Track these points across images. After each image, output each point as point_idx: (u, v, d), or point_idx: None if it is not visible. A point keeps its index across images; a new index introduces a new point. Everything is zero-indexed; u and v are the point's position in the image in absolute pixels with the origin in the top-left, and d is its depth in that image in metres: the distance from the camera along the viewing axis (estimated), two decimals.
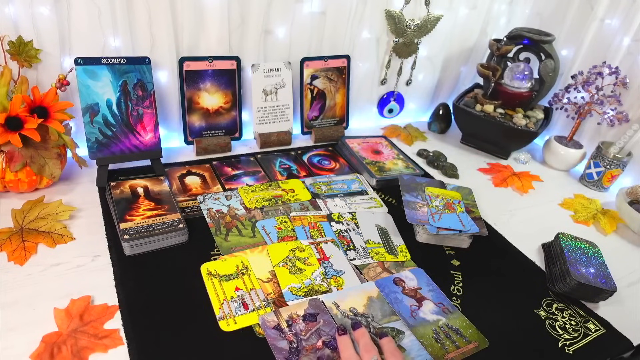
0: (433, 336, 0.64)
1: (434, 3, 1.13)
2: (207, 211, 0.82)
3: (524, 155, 1.19)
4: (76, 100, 0.84)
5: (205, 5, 0.90)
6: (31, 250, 0.68)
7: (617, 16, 1.09)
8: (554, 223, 0.96)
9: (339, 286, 0.71)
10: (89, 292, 0.63)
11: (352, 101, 1.19)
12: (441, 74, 1.30)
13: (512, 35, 1.16)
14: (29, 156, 0.76)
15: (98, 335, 0.57)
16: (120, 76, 0.84)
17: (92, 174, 0.86)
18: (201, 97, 0.99)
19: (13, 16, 0.77)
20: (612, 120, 1.09)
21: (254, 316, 0.63)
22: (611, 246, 0.92)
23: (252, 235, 0.78)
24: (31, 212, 0.75)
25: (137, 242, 0.70)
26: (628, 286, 0.81)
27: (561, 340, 0.68)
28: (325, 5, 1.02)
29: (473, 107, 1.17)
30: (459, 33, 1.24)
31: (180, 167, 0.95)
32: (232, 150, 1.04)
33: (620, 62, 1.09)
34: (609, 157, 1.06)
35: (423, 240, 0.84)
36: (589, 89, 1.10)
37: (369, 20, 1.10)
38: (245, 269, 0.71)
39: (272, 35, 1.01)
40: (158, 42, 0.90)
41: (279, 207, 0.86)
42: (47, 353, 0.54)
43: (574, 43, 1.19)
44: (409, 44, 1.17)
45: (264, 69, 1.02)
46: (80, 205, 0.79)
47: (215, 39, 0.95)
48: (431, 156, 1.13)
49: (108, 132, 0.85)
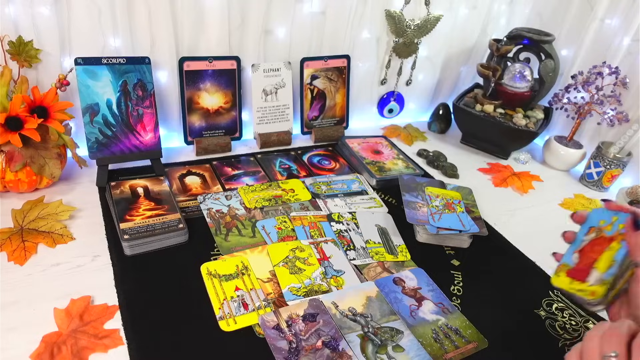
0: (432, 336, 0.64)
1: (434, 3, 1.13)
2: (207, 211, 0.82)
3: (524, 155, 1.19)
4: (76, 100, 0.84)
5: (205, 5, 0.90)
6: (31, 250, 0.68)
7: (617, 16, 1.09)
8: (554, 223, 0.96)
9: (339, 286, 0.71)
10: (89, 292, 0.63)
11: (352, 101, 1.19)
12: (441, 74, 1.30)
13: (512, 35, 1.16)
14: (29, 156, 0.76)
15: (98, 335, 0.57)
16: (120, 76, 0.84)
17: (92, 174, 0.86)
18: (201, 97, 0.99)
19: (13, 16, 0.77)
20: (612, 120, 1.09)
21: (253, 316, 0.63)
22: None
23: (252, 235, 0.78)
24: (31, 212, 0.75)
25: (137, 242, 0.70)
26: None
27: (561, 340, 0.68)
28: (325, 5, 1.02)
29: (473, 107, 1.17)
30: (459, 33, 1.24)
31: (180, 167, 0.95)
32: (232, 150, 1.04)
33: (620, 62, 1.09)
34: (609, 157, 1.06)
35: (423, 240, 0.84)
36: (589, 89, 1.10)
37: (369, 20, 1.10)
38: (245, 269, 0.71)
39: (272, 35, 1.01)
40: (158, 42, 0.90)
41: (279, 207, 0.86)
42: (47, 353, 0.54)
43: (574, 43, 1.19)
44: (409, 44, 1.17)
45: (264, 69, 1.02)
46: (80, 205, 0.79)
47: (215, 39, 0.95)
48: (431, 156, 1.12)
49: (108, 132, 0.85)
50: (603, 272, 0.50)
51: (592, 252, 0.52)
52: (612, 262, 0.50)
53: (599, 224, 0.53)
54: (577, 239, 0.55)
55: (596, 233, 0.53)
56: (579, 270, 0.52)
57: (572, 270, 0.53)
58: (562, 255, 0.56)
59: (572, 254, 0.54)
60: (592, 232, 0.53)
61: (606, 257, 0.50)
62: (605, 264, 0.50)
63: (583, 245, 0.53)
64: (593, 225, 0.54)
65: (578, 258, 0.53)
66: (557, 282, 0.54)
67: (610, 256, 0.50)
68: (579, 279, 0.52)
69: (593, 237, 0.53)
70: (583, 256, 0.53)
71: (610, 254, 0.50)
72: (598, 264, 0.51)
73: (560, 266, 0.55)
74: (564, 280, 0.54)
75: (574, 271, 0.53)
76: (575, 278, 0.52)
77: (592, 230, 0.54)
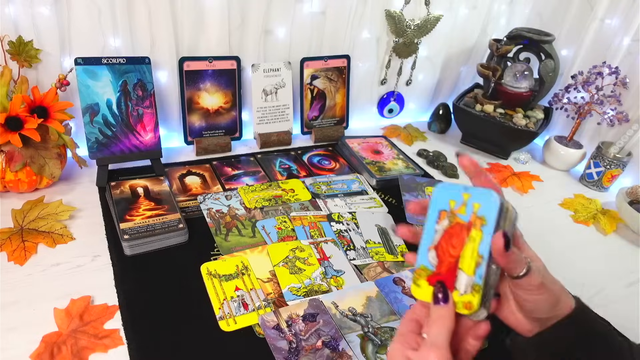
0: None
1: (434, 3, 1.13)
2: (207, 211, 0.82)
3: (524, 155, 1.19)
4: (76, 100, 0.84)
5: (205, 5, 0.90)
6: (31, 250, 0.68)
7: (617, 16, 1.09)
8: (554, 223, 0.97)
9: (339, 286, 0.71)
10: (89, 292, 0.63)
11: (352, 101, 1.19)
12: (441, 74, 1.30)
13: (512, 35, 1.16)
14: (29, 156, 0.76)
15: (98, 335, 0.57)
16: (120, 76, 0.84)
17: (92, 174, 0.86)
18: (201, 97, 0.99)
19: (13, 16, 0.77)
20: (612, 120, 1.09)
21: (253, 316, 0.63)
22: (611, 246, 0.92)
23: (252, 235, 0.78)
24: (31, 212, 0.75)
25: (137, 242, 0.70)
26: (628, 286, 0.81)
27: None
28: (325, 5, 1.02)
29: (473, 107, 1.17)
30: (459, 33, 1.24)
31: (180, 167, 0.95)
32: (232, 150, 1.04)
33: (620, 62, 1.09)
34: (609, 157, 1.06)
35: None
36: (589, 89, 1.10)
37: (369, 20, 1.10)
38: (245, 269, 0.71)
39: (272, 35, 1.01)
40: (158, 42, 0.90)
41: (279, 207, 0.86)
42: (47, 353, 0.54)
43: (574, 43, 1.19)
44: (409, 44, 1.17)
45: (264, 69, 1.02)
46: (80, 205, 0.79)
47: (215, 39, 0.95)
48: (431, 156, 1.13)
49: (108, 132, 0.85)
50: (472, 275, 0.39)
51: (450, 246, 0.41)
52: (479, 258, 0.39)
53: (450, 207, 0.41)
54: (428, 230, 0.42)
55: (449, 219, 0.41)
56: (442, 274, 0.41)
57: (434, 276, 0.41)
58: (416, 255, 0.43)
59: (428, 252, 0.42)
60: (444, 218, 0.41)
61: (470, 252, 0.40)
62: (470, 263, 0.40)
63: (438, 239, 0.41)
64: (443, 209, 0.41)
65: (436, 258, 0.41)
66: (418, 294, 0.42)
67: (474, 250, 0.39)
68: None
69: (447, 226, 0.41)
70: (442, 254, 0.41)
71: (473, 247, 0.40)
72: (462, 262, 0.40)
73: (417, 271, 0.42)
74: (426, 290, 0.41)
75: (437, 277, 0.41)
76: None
77: (444, 216, 0.41)
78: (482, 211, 0.40)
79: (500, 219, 0.40)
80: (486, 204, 0.39)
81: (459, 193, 0.41)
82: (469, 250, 0.40)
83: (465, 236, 0.40)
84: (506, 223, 0.41)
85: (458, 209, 0.41)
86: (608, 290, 0.79)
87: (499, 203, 0.39)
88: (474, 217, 0.40)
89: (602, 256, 0.89)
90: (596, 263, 0.86)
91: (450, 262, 0.41)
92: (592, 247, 0.91)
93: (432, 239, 0.42)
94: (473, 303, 0.39)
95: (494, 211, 0.39)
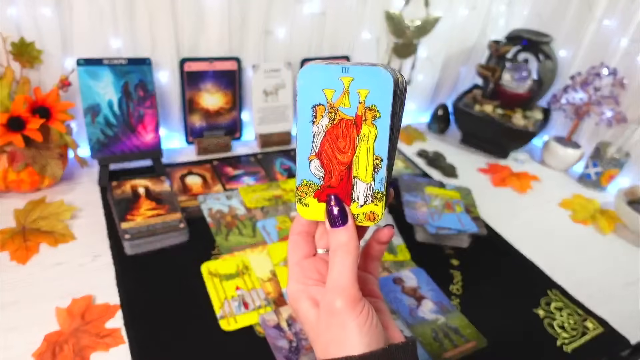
0: (432, 335, 0.65)
1: (433, 4, 1.13)
2: (207, 211, 0.82)
3: (523, 156, 1.20)
4: (78, 100, 0.84)
5: (206, 6, 0.90)
6: (33, 249, 0.69)
7: (615, 17, 1.10)
8: (553, 223, 0.97)
9: None
10: (91, 291, 0.63)
11: None
12: (441, 75, 1.31)
13: (511, 36, 1.17)
14: (31, 156, 0.76)
15: (99, 334, 0.57)
16: (121, 77, 0.84)
17: (94, 174, 0.87)
18: (202, 98, 0.99)
19: (15, 17, 0.77)
20: (610, 120, 1.09)
21: (254, 315, 0.64)
22: (609, 246, 0.93)
23: (252, 235, 0.79)
24: (33, 211, 0.75)
25: (138, 241, 0.70)
26: (626, 286, 0.82)
27: (559, 339, 0.68)
28: (325, 5, 1.03)
29: (472, 107, 1.18)
30: (458, 34, 1.24)
31: (181, 167, 0.95)
32: (233, 151, 1.05)
33: (618, 63, 1.10)
34: (607, 157, 1.07)
35: (423, 239, 0.84)
36: (587, 89, 1.11)
37: (369, 20, 1.10)
38: (245, 268, 0.71)
39: (272, 35, 1.01)
40: (159, 43, 0.90)
41: (279, 207, 0.87)
42: (49, 352, 0.54)
43: (573, 44, 1.19)
44: (409, 44, 1.17)
45: (265, 69, 1.03)
46: (82, 205, 0.80)
47: (216, 39, 0.95)
48: (431, 156, 1.13)
49: (109, 132, 0.85)
50: (371, 181, 0.33)
51: (337, 150, 0.33)
52: (376, 160, 0.32)
53: (327, 98, 0.31)
54: (303, 135, 0.33)
55: (328, 116, 0.32)
56: (332, 187, 0.33)
57: (323, 190, 0.34)
58: (296, 171, 0.34)
59: (309, 163, 0.33)
60: (322, 116, 0.32)
61: (364, 155, 0.32)
62: (367, 168, 0.32)
63: (318, 144, 0.33)
64: (318, 103, 0.31)
65: (321, 167, 0.33)
66: (306, 214, 0.35)
67: (369, 151, 0.32)
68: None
69: (327, 125, 0.32)
70: (327, 162, 0.33)
71: (367, 148, 0.32)
72: (357, 169, 0.33)
73: (300, 188, 0.34)
74: (317, 208, 0.34)
75: (328, 190, 0.34)
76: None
77: (321, 112, 0.32)
78: (371, 99, 0.30)
79: (396, 104, 0.31)
80: (375, 87, 0.30)
81: (336, 77, 0.30)
82: (363, 152, 0.32)
83: (354, 135, 0.32)
84: (402, 107, 0.33)
85: (338, 100, 0.31)
86: (606, 290, 0.80)
87: (392, 83, 0.30)
88: (362, 109, 0.31)
89: (600, 256, 0.89)
90: (595, 263, 0.87)
91: (341, 170, 0.33)
92: (591, 247, 0.92)
93: (311, 145, 0.33)
94: (377, 212, 0.34)
95: (388, 96, 0.30)
